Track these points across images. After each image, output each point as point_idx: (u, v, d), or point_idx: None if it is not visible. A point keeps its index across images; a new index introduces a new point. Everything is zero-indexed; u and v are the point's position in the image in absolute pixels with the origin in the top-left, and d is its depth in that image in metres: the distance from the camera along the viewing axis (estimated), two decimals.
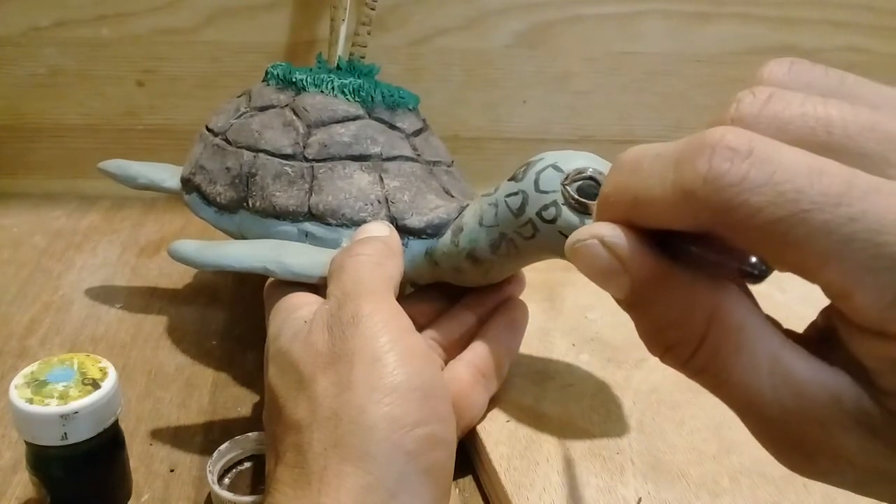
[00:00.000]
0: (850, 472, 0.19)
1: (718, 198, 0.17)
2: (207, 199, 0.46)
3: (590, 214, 0.36)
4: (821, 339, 0.20)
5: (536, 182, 0.37)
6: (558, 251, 0.37)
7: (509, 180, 0.38)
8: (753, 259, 0.17)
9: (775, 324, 0.20)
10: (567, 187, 0.36)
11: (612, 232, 0.20)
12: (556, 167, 0.37)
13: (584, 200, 0.36)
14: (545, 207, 0.36)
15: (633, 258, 0.20)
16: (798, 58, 0.20)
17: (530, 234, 0.37)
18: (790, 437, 0.19)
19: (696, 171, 0.18)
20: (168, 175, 0.52)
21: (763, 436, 0.20)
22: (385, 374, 0.30)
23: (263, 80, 0.49)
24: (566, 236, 0.36)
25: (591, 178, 0.36)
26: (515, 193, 0.38)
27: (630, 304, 0.21)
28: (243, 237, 0.45)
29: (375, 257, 0.36)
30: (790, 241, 0.17)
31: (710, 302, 0.19)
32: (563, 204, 0.36)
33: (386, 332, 0.32)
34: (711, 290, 0.19)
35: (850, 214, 0.17)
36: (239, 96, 0.50)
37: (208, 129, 0.49)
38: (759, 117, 0.19)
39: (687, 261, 0.20)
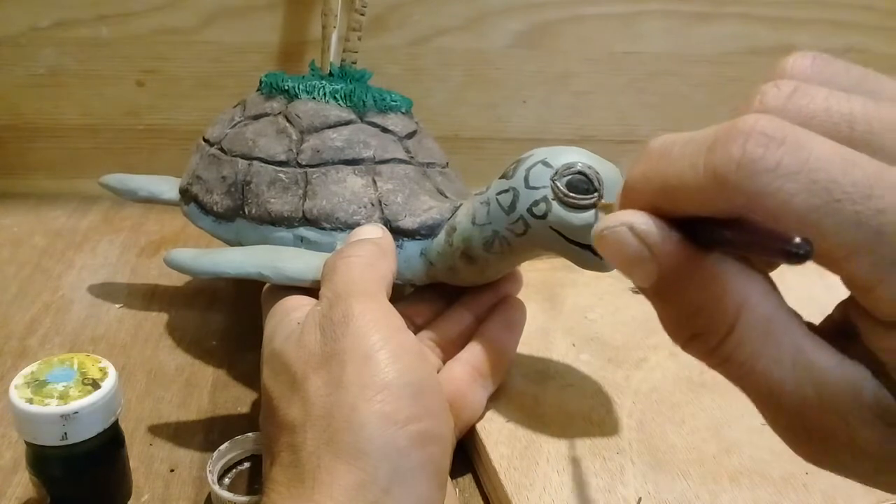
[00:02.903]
0: (866, 462, 0.19)
1: (752, 182, 0.17)
2: (205, 209, 0.46)
3: (579, 209, 0.36)
4: (838, 333, 0.20)
5: (526, 178, 0.37)
6: (551, 247, 0.37)
7: (500, 178, 0.39)
8: (798, 239, 0.16)
9: (797, 316, 0.20)
10: (556, 182, 0.36)
11: (641, 219, 0.20)
12: (545, 163, 0.37)
13: (573, 195, 0.36)
14: (535, 203, 0.36)
15: (662, 246, 0.20)
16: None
17: (522, 230, 0.37)
18: (808, 427, 0.19)
19: (730, 155, 0.18)
20: (167, 187, 0.53)
21: (781, 426, 0.20)
22: (376, 371, 0.30)
23: (258, 90, 0.50)
24: (557, 232, 0.36)
25: (580, 172, 0.36)
26: (506, 191, 0.38)
27: (656, 292, 0.21)
28: (241, 245, 0.45)
29: (367, 258, 0.36)
30: (821, 229, 0.17)
31: (741, 291, 0.19)
32: (552, 199, 0.36)
33: (377, 330, 0.32)
34: (742, 279, 0.19)
35: (880, 207, 0.17)
36: (235, 106, 0.50)
37: (205, 140, 0.49)
38: (784, 110, 0.19)
39: (716, 248, 0.20)
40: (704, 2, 0.67)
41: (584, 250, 0.37)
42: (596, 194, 0.36)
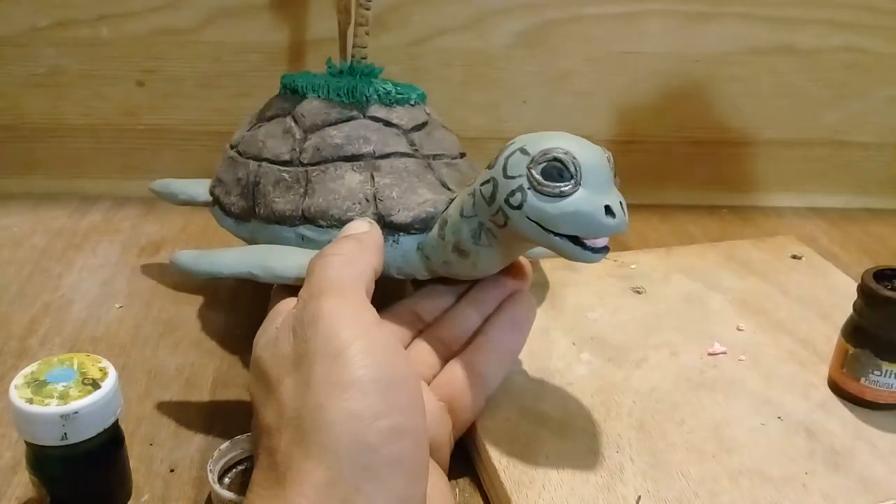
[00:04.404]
0: None
1: None
2: (225, 210, 0.47)
3: (554, 197, 0.34)
4: None
5: (504, 168, 0.36)
6: (532, 238, 0.36)
7: (486, 168, 0.38)
8: None
9: None
10: (531, 170, 0.35)
11: None
12: (523, 150, 0.36)
13: (547, 183, 0.34)
14: (512, 193, 0.35)
15: None
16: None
17: (502, 222, 0.36)
18: None
19: None
20: (203, 190, 0.54)
21: None
22: (344, 369, 0.30)
23: (279, 91, 0.50)
24: (535, 222, 0.35)
25: (555, 158, 0.34)
26: (488, 181, 0.37)
27: None
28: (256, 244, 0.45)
29: (345, 256, 0.36)
30: None
31: None
32: (528, 188, 0.35)
33: (346, 327, 0.32)
34: None
35: None
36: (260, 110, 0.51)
37: (229, 145, 0.50)
38: None
39: None
40: (704, 2, 0.67)
41: (565, 240, 0.35)
42: (572, 181, 0.34)
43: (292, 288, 0.39)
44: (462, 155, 0.48)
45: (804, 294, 0.55)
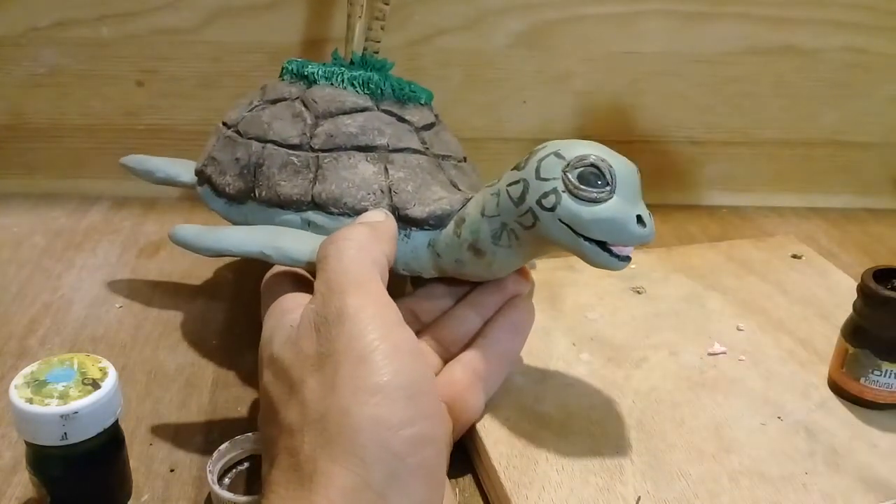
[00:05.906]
0: None
1: None
2: (217, 191, 0.46)
3: (590, 202, 0.35)
4: None
5: (538, 170, 0.37)
6: (559, 241, 0.37)
7: (512, 169, 0.38)
8: None
9: None
10: (567, 174, 0.36)
11: None
12: (557, 154, 0.36)
13: (584, 187, 0.35)
14: (545, 195, 0.36)
15: None
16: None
17: (531, 223, 0.37)
18: None
19: None
20: (184, 170, 0.53)
21: None
22: (370, 374, 0.30)
23: (280, 76, 0.50)
24: (567, 225, 0.36)
25: (592, 164, 0.35)
26: (517, 182, 0.37)
27: None
28: None
29: (358, 242, 0.36)
30: None
31: None
32: (563, 191, 0.36)
33: (372, 328, 0.31)
34: None
35: None
36: (257, 91, 0.50)
37: (223, 123, 0.49)
38: None
39: None
40: (704, 2, 0.67)
41: (593, 245, 0.36)
42: (608, 188, 0.35)
43: (284, 279, 0.39)
44: (465, 159, 0.48)
45: (804, 294, 0.55)
